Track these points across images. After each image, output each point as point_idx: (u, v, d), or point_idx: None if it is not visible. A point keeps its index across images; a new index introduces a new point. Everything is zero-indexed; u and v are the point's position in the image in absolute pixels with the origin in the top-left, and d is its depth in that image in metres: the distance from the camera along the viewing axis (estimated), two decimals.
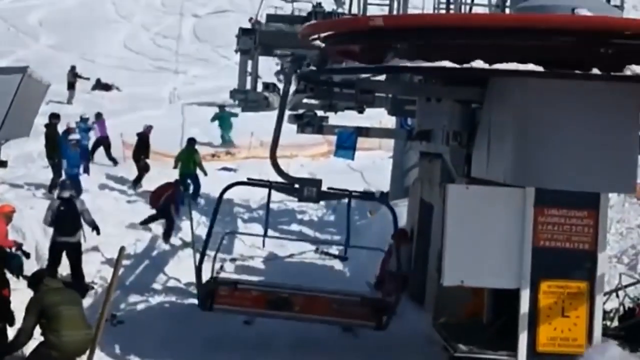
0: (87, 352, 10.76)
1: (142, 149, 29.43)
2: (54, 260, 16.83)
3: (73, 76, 43.60)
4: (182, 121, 40.01)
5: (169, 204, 22.31)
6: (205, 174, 27.87)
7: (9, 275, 13.59)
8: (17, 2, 60.39)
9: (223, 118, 38.77)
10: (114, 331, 14.23)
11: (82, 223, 17.33)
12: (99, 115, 32.09)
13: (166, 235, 22.27)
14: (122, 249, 10.64)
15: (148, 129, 30.30)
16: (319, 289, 15.34)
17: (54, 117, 26.59)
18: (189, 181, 27.32)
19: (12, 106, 11.45)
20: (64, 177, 24.70)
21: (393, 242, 18.23)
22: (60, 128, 26.56)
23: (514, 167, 12.14)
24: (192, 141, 28.68)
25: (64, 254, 17.01)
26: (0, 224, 16.04)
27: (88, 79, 45.72)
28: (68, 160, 25.16)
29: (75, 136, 25.98)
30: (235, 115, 38.80)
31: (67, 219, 17.03)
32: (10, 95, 11.48)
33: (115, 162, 30.78)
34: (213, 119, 38.83)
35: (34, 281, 11.52)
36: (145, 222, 22.81)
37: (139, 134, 29.98)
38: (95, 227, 17.64)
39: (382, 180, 28.42)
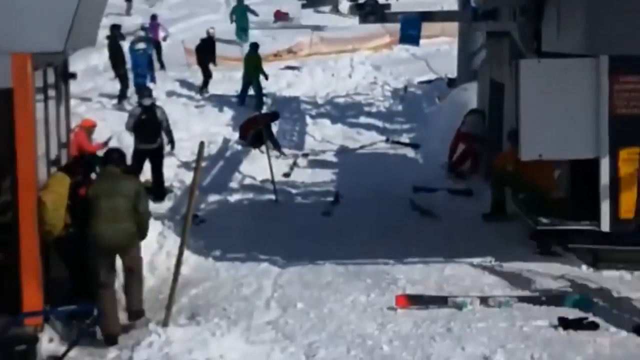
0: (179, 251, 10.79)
1: (207, 54, 29.49)
2: (135, 167, 17.00)
3: None
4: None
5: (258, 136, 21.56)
6: (267, 77, 27.82)
7: None
8: None
9: (238, 11, 36.27)
10: (198, 230, 14.45)
11: (168, 129, 17.57)
12: (153, 17, 32.13)
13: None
14: (201, 144, 10.66)
15: (212, 33, 30.38)
16: None
17: (116, 28, 26.72)
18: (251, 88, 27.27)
19: (76, 14, 11.40)
20: (131, 87, 24.94)
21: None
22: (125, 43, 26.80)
23: (586, 36, 11.97)
24: (254, 46, 28.57)
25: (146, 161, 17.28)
26: (82, 138, 16.40)
27: None
28: (135, 70, 25.35)
29: (141, 45, 26.11)
30: (255, 13, 36.66)
31: (147, 127, 17.23)
32: (74, 4, 11.42)
33: (163, 66, 30.66)
34: (231, 15, 36.64)
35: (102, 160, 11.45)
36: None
37: (202, 39, 30.01)
38: (171, 140, 17.79)
39: (448, 66, 28.14)
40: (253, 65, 27.38)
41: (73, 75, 15.89)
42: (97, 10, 14.64)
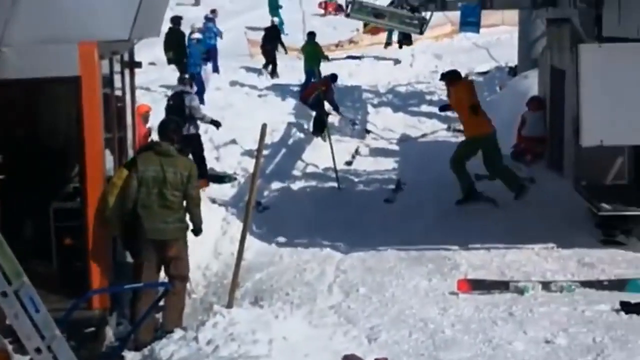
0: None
1: (273, 41, 29.93)
2: None
3: None
4: (302, 14, 40.17)
5: (319, 100, 21.70)
6: (328, 59, 27.97)
7: None
8: None
9: (271, 1, 38.27)
10: (260, 217, 14.65)
11: (195, 117, 17.40)
12: (213, 11, 32.49)
13: (316, 129, 22.42)
14: (264, 125, 10.70)
15: (276, 22, 30.91)
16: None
17: (175, 20, 27.05)
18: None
19: (141, 4, 11.59)
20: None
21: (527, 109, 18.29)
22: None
23: None
24: (311, 35, 28.77)
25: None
26: (139, 124, 16.55)
27: None
28: (189, 59, 25.61)
29: (196, 35, 26.37)
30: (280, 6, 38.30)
31: (173, 113, 17.30)
32: None
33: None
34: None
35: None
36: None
37: (267, 28, 30.46)
38: (211, 122, 17.77)
39: (509, 55, 28.03)
40: (312, 55, 27.53)
41: (138, 64, 16.14)
42: (161, 2, 14.86)
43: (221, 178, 17.48)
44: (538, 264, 12.03)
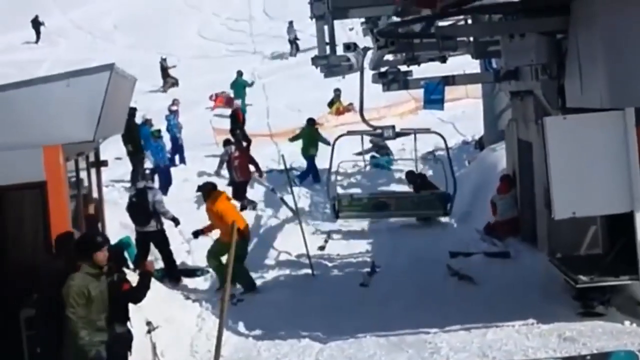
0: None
1: (235, 126, 30.10)
2: (140, 250, 16.95)
3: (165, 66, 44.65)
4: (265, 100, 40.31)
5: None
6: (329, 143, 28.11)
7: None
8: (91, 10, 61.13)
9: (237, 85, 39.11)
10: (236, 310, 14.44)
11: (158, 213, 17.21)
12: (174, 101, 32.55)
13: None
14: (233, 224, 10.71)
15: (237, 107, 30.99)
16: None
17: (131, 110, 26.96)
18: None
19: (104, 104, 11.58)
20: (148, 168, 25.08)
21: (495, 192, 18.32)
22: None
23: (610, 90, 11.94)
24: (311, 121, 28.76)
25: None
26: None
27: (175, 66, 46.29)
28: (152, 152, 25.42)
29: (154, 128, 26.23)
30: (250, 84, 39.69)
31: (136, 209, 17.22)
32: (102, 94, 11.60)
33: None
34: (231, 86, 39.28)
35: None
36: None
37: (231, 115, 30.70)
38: (172, 219, 17.61)
39: (475, 128, 28.19)
40: (307, 142, 27.39)
41: (104, 163, 16.08)
42: (125, 99, 14.85)
43: (193, 272, 17.30)
44: (519, 342, 11.89)
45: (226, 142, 25.96)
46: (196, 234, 17.37)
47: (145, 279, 10.19)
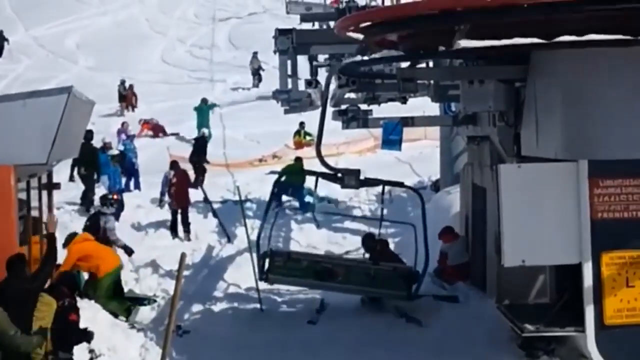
0: None
1: (199, 153, 30.11)
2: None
3: (124, 89, 44.39)
4: (222, 129, 40.25)
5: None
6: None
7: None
8: (54, 28, 60.91)
9: (201, 110, 39.22)
10: (181, 342, 14.29)
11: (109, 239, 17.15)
12: (123, 124, 32.44)
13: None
14: (182, 255, 10.63)
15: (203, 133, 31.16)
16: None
17: (88, 133, 26.81)
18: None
19: (60, 127, 11.50)
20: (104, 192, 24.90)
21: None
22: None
23: (565, 141, 12.02)
24: (299, 159, 28.63)
25: None
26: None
27: (132, 87, 46.15)
28: (109, 176, 25.24)
29: (113, 152, 26.10)
30: (217, 105, 40.61)
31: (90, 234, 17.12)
32: (58, 117, 11.55)
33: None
34: (195, 109, 39.45)
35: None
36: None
37: (196, 139, 30.76)
38: (123, 248, 17.43)
39: (431, 169, 28.30)
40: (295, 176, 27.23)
41: (57, 185, 15.95)
42: (81, 122, 14.77)
43: (140, 300, 17.13)
44: None
45: (172, 165, 25.66)
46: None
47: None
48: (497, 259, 13.74)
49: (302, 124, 37.23)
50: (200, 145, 31.75)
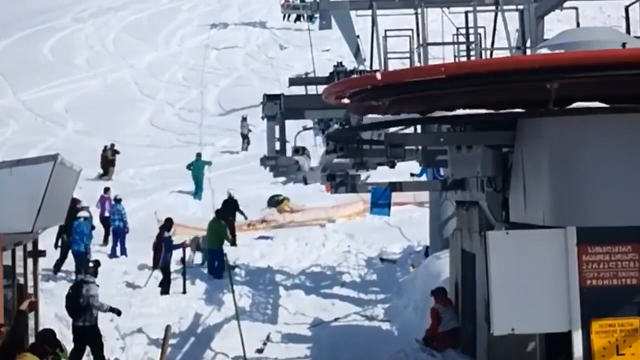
0: None
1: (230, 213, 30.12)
2: (75, 345, 16.62)
3: (112, 153, 44.16)
4: (212, 194, 40.16)
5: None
6: (233, 244, 27.93)
7: None
8: (42, 91, 60.91)
9: (196, 166, 39.85)
10: None
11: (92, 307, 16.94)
12: (106, 190, 32.07)
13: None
14: (168, 327, 10.56)
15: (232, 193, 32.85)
16: None
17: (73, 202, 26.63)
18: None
19: (45, 196, 11.45)
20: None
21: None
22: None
23: (553, 208, 12.00)
24: (218, 212, 28.81)
25: None
26: None
27: (118, 152, 45.62)
28: (74, 238, 24.83)
29: (83, 213, 25.73)
30: (209, 163, 41.25)
31: (72, 303, 16.98)
32: (44, 185, 11.50)
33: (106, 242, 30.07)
34: (188, 167, 40.06)
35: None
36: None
37: (225, 201, 32.17)
38: (110, 310, 17.31)
39: (421, 233, 28.24)
40: (217, 235, 27.21)
41: (42, 253, 15.84)
42: (68, 189, 14.71)
43: None
44: None
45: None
46: None
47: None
48: (487, 326, 13.64)
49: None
50: (230, 207, 31.88)
